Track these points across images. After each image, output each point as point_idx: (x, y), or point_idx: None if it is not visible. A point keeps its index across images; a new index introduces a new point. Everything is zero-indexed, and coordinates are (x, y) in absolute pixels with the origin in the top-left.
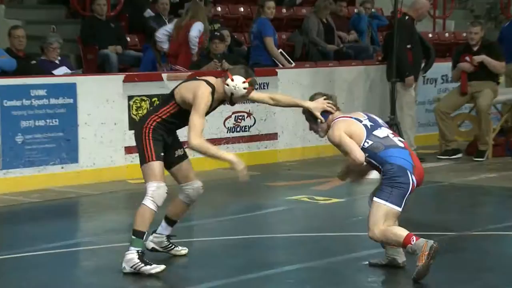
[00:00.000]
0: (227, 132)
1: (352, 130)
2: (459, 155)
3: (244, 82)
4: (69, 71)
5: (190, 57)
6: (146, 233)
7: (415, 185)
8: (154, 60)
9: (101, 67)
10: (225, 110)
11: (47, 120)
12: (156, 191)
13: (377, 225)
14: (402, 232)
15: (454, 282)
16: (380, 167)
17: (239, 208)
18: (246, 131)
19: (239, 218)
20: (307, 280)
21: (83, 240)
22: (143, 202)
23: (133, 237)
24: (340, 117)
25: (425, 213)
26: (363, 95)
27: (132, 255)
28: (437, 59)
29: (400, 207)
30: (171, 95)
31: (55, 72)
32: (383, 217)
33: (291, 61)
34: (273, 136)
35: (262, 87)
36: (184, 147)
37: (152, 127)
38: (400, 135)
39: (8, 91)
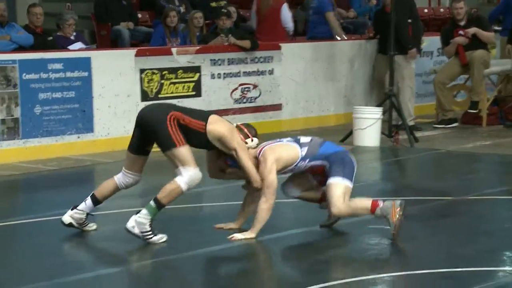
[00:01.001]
0: (234, 103)
1: (284, 153)
2: (455, 124)
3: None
4: (84, 46)
5: (285, 34)
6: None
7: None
8: (164, 35)
9: (114, 43)
10: (231, 82)
11: (64, 92)
12: (193, 176)
13: (339, 201)
14: (367, 200)
15: (451, 245)
16: (326, 163)
17: None
18: (252, 102)
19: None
20: (309, 243)
21: (99, 206)
22: (178, 181)
23: (152, 204)
24: (263, 147)
25: (423, 179)
26: (363, 68)
27: (145, 221)
28: (432, 33)
29: (352, 183)
30: (206, 117)
31: (70, 47)
32: (343, 194)
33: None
34: (277, 107)
35: (267, 61)
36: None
37: (175, 120)
38: (397, 105)
39: (27, 65)
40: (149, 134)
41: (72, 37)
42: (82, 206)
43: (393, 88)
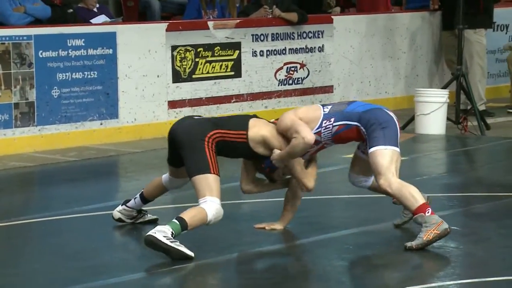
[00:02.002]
0: (279, 85)
1: (304, 112)
2: None
3: None
4: (108, 19)
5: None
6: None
7: (398, 122)
8: (199, 6)
9: (142, 15)
10: (276, 61)
11: (85, 73)
12: (219, 211)
13: (391, 172)
14: (420, 198)
15: None
16: (359, 125)
17: None
18: (299, 83)
19: None
20: (366, 245)
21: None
22: (206, 209)
23: (176, 221)
24: None
25: (496, 173)
26: (426, 44)
27: (167, 230)
28: (508, 4)
29: (398, 147)
30: (245, 122)
31: (93, 20)
32: (390, 163)
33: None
34: (328, 89)
35: (317, 36)
36: None
37: (214, 142)
38: (468, 87)
39: (43, 41)
40: (182, 156)
41: (95, 9)
42: (131, 203)
43: (461, 68)
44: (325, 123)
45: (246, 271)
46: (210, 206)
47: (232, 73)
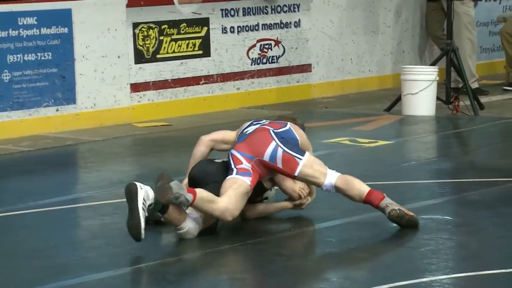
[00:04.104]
0: (252, 65)
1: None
2: None
3: None
4: None
5: None
6: None
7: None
8: None
9: None
10: (248, 38)
11: (38, 54)
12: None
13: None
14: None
15: None
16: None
17: None
18: (274, 62)
19: None
20: (349, 237)
21: (84, 195)
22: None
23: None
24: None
25: (491, 157)
26: (412, 17)
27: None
28: None
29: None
30: None
31: None
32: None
33: None
34: (306, 68)
35: (292, 10)
36: None
37: None
38: (459, 63)
39: None
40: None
41: None
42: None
43: (451, 42)
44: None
45: (225, 266)
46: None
47: (200, 52)
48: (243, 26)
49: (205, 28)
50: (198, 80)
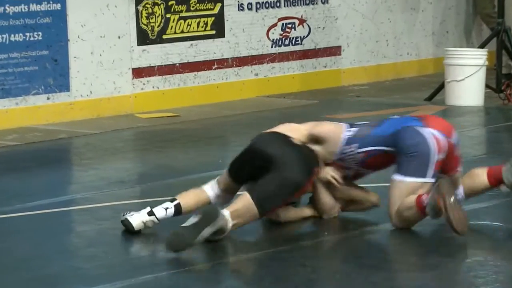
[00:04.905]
0: (272, 47)
1: (324, 129)
2: None
3: None
4: None
5: None
6: None
7: (440, 139)
8: None
9: None
10: (268, 16)
11: (27, 34)
12: None
13: (394, 207)
14: (411, 197)
15: None
16: (383, 148)
17: None
18: (298, 44)
19: None
20: (382, 247)
21: (79, 196)
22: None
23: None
24: None
25: None
26: None
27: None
28: None
29: (425, 177)
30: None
31: None
32: (403, 196)
33: None
34: (335, 51)
35: None
36: None
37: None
38: (511, 46)
39: None
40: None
41: None
42: (161, 214)
43: (503, 21)
44: (346, 149)
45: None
46: None
47: (213, 32)
48: (262, 2)
49: (219, 5)
50: (211, 65)
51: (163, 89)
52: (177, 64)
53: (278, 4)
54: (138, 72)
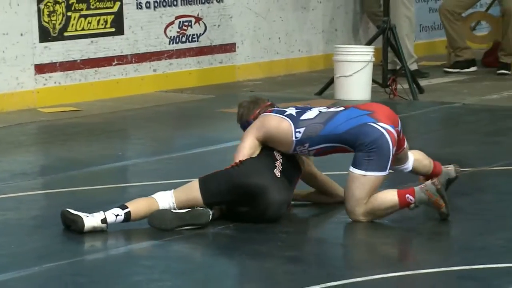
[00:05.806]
0: (170, 44)
1: (271, 129)
2: (474, 68)
3: None
4: None
5: None
6: None
7: (393, 132)
8: None
9: None
10: (165, 14)
11: None
12: None
13: (359, 203)
14: (391, 195)
15: (471, 234)
16: (336, 144)
17: (186, 143)
18: (195, 41)
19: (186, 156)
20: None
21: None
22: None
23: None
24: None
25: (432, 144)
26: None
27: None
28: None
29: (385, 169)
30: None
31: None
32: (365, 191)
33: None
34: (230, 48)
35: None
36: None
37: None
38: (397, 43)
39: None
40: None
41: None
42: (111, 220)
43: (389, 19)
44: (299, 148)
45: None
46: None
47: (113, 29)
48: (160, 1)
49: (118, 3)
50: (111, 61)
51: (65, 84)
52: (78, 61)
53: (175, 3)
54: (41, 68)
